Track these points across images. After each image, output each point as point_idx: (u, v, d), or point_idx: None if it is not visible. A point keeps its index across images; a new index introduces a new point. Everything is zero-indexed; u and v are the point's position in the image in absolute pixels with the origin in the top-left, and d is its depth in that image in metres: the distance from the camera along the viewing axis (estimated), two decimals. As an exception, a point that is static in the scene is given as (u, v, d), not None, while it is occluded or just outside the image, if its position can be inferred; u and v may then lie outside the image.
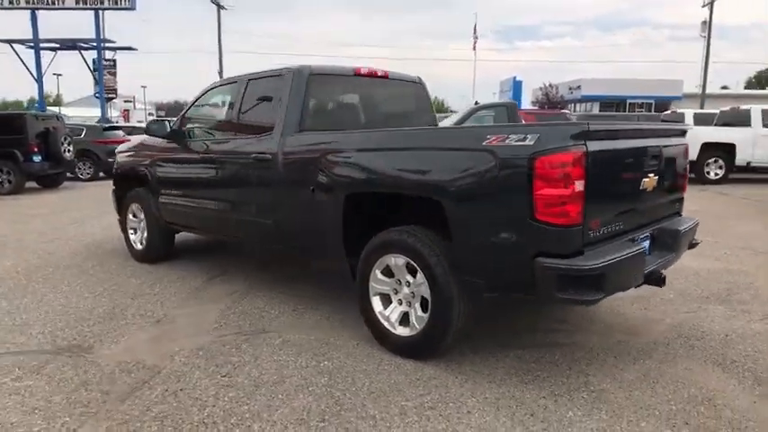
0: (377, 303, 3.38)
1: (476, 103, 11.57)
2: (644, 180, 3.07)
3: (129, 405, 2.76)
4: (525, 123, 2.61)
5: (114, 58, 25.71)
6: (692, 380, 3.00)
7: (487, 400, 2.78)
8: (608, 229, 2.85)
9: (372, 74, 4.42)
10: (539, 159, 2.53)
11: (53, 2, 21.75)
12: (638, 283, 2.97)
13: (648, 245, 3.16)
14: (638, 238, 3.08)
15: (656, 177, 3.17)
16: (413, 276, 3.18)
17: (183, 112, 5.08)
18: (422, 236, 3.08)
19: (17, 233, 7.35)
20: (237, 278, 5.01)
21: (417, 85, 4.87)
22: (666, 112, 16.09)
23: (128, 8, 22.23)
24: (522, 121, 9.54)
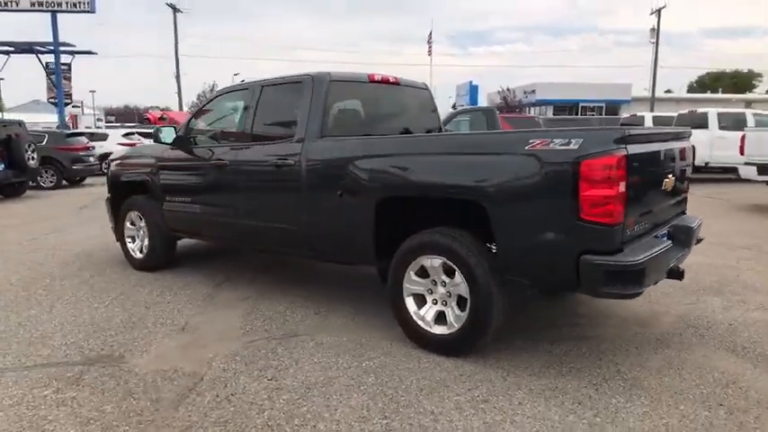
0: (411, 304, 3.47)
1: (453, 107, 11.80)
2: (665, 180, 3.30)
3: (185, 412, 2.76)
4: (557, 129, 2.76)
5: (69, 63, 24.77)
6: (712, 365, 3.23)
7: (533, 391, 2.92)
8: (638, 228, 3.04)
9: (385, 80, 4.52)
10: (584, 162, 2.70)
11: (6, 3, 20.75)
12: (662, 278, 3.18)
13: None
14: (659, 235, 3.30)
15: (673, 178, 3.40)
16: (448, 277, 3.29)
17: (189, 119, 5.04)
18: (459, 237, 3.20)
19: (-4, 244, 7.06)
20: (243, 283, 5.01)
21: (423, 91, 5.01)
22: (626, 116, 16.82)
23: (87, 11, 21.46)
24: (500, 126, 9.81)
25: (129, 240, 5.65)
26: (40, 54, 23.68)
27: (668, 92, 53.48)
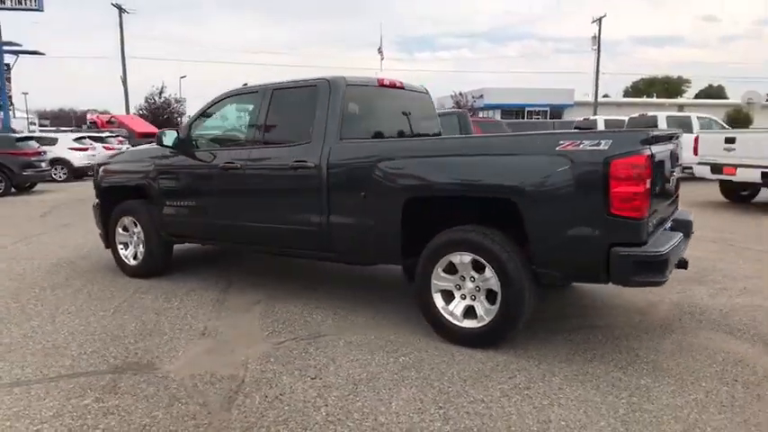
0: (439, 300, 3.60)
1: None
2: (671, 177, 3.58)
3: (238, 414, 2.78)
4: (579, 131, 2.98)
5: (9, 63, 23.45)
6: (716, 347, 3.53)
7: (568, 377, 3.11)
8: (655, 221, 3.30)
9: (392, 84, 4.65)
10: (614, 162, 2.92)
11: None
12: (673, 268, 3.45)
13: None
14: (667, 228, 3.58)
15: (675, 175, 3.69)
16: (477, 272, 3.45)
17: (190, 123, 4.97)
18: (490, 234, 3.36)
19: (-37, 255, 6.68)
20: (249, 288, 4.99)
21: (424, 95, 5.16)
22: (580, 119, 17.62)
23: (34, 9, 20.39)
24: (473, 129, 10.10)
25: (122, 247, 5.50)
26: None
27: (606, 96, 56.24)
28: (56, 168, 17.68)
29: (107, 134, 22.58)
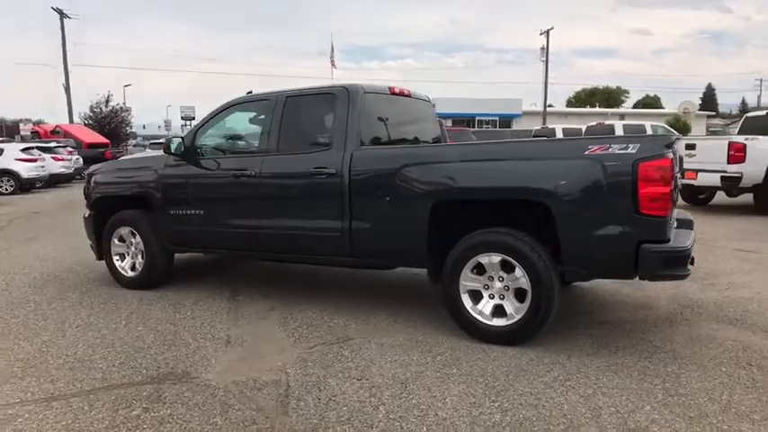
0: (467, 300, 3.73)
1: None
2: (679, 179, 3.86)
3: (298, 416, 2.80)
4: (603, 136, 3.18)
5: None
6: (722, 336, 3.82)
7: (601, 368, 3.30)
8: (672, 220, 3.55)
9: (401, 92, 4.78)
10: (642, 164, 3.14)
11: None
12: (686, 262, 3.71)
13: (681, 232, 3.95)
14: (674, 226, 3.85)
15: (680, 177, 3.98)
16: (506, 272, 3.60)
17: (195, 130, 4.91)
18: (520, 235, 3.52)
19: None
20: (256, 295, 4.96)
21: (428, 103, 5.32)
22: (538, 128, 18.30)
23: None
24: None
25: (118, 258, 5.35)
26: None
27: (551, 106, 58.48)
28: (2, 180, 16.77)
29: (55, 144, 21.57)
